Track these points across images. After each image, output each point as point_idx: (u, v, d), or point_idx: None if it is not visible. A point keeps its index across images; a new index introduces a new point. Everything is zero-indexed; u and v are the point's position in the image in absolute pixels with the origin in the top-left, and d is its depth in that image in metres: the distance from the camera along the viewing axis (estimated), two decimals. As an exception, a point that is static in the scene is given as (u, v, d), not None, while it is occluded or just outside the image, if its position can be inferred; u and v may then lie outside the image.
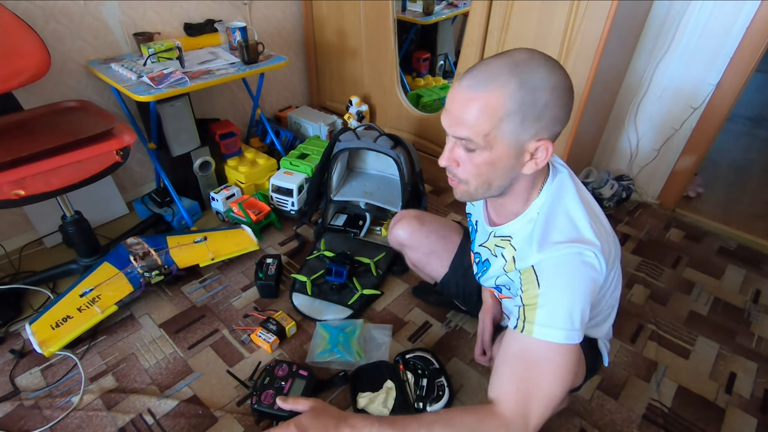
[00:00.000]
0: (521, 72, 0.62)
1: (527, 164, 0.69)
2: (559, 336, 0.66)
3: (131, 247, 1.40)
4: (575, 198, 0.73)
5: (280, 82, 2.33)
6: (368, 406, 1.14)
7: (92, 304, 1.28)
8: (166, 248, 1.44)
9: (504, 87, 0.62)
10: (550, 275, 0.68)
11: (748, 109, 2.83)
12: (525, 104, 0.62)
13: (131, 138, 1.25)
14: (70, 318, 1.25)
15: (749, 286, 1.60)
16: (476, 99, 0.63)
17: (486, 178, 0.70)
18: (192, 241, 1.48)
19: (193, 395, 1.18)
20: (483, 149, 0.66)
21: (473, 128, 0.65)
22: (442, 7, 2.51)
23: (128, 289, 1.32)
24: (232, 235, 1.58)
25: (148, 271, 1.35)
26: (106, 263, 1.39)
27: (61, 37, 1.51)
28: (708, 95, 1.71)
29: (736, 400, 1.22)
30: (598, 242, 0.68)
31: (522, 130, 0.64)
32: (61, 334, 1.21)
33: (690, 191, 2.06)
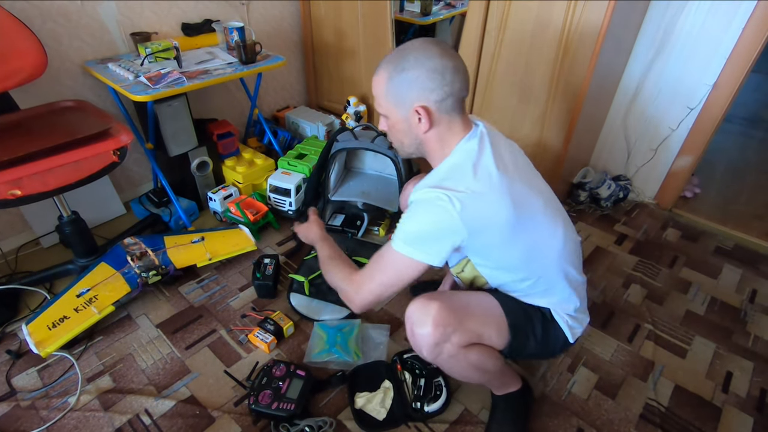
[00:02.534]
0: (396, 57, 0.85)
1: (419, 126, 0.88)
2: (396, 245, 0.89)
3: (128, 247, 1.40)
4: (470, 161, 0.86)
5: (278, 82, 2.33)
6: (366, 405, 1.14)
7: (89, 304, 1.27)
8: (163, 248, 1.44)
9: (383, 71, 0.87)
10: (414, 208, 0.88)
11: (745, 110, 2.84)
12: (395, 82, 0.85)
13: (128, 138, 1.25)
14: (67, 318, 1.24)
15: (746, 286, 1.61)
16: (374, 82, 0.90)
17: (397, 138, 0.95)
18: (189, 242, 1.48)
19: (191, 395, 1.18)
20: (386, 117, 0.93)
21: (377, 102, 0.92)
22: (440, 8, 2.51)
23: (125, 289, 1.32)
24: (230, 235, 1.57)
25: (146, 272, 1.34)
26: (103, 263, 1.38)
27: (58, 37, 1.50)
28: (704, 96, 1.72)
29: (733, 399, 1.22)
30: (459, 189, 0.82)
31: (400, 101, 0.87)
32: (57, 335, 1.20)
33: (687, 191, 2.07)
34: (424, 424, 1.13)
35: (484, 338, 0.93)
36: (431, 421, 1.13)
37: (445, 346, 0.89)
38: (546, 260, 0.94)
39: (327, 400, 1.18)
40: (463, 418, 1.14)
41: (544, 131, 1.70)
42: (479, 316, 0.93)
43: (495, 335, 0.93)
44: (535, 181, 0.97)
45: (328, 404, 1.17)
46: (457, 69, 0.84)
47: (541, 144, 1.73)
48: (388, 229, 1.76)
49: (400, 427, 1.12)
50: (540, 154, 1.75)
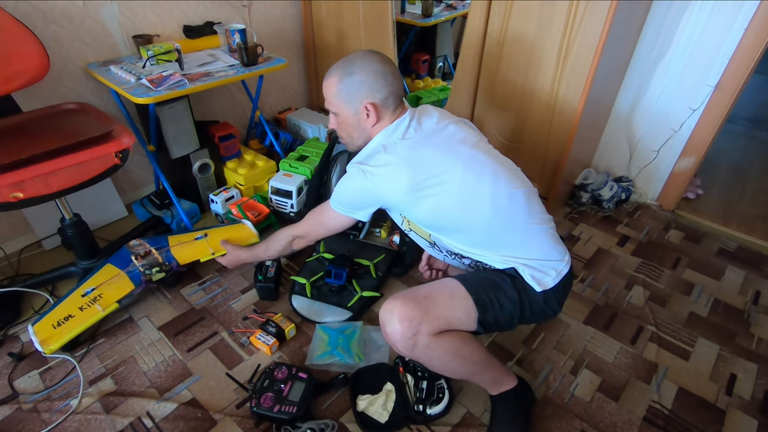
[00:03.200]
0: (344, 64, 1.04)
1: (367, 120, 1.05)
2: (331, 202, 1.13)
3: (133, 248, 1.42)
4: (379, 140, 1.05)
5: (280, 84, 2.33)
6: (368, 408, 1.13)
7: (93, 302, 1.28)
8: (167, 246, 1.44)
9: (333, 76, 1.05)
10: (342, 178, 1.08)
11: (748, 111, 2.83)
12: (344, 83, 1.03)
13: (130, 140, 1.25)
14: (72, 317, 1.25)
15: (749, 287, 1.60)
16: (325, 86, 1.07)
17: (348, 132, 1.11)
18: (193, 239, 1.49)
19: (193, 398, 1.18)
20: (338, 114, 1.08)
21: (328, 102, 1.08)
22: (441, 9, 2.51)
23: (129, 287, 1.32)
24: (233, 229, 1.57)
25: (149, 269, 1.36)
26: (108, 264, 1.39)
27: (61, 40, 1.51)
28: (707, 96, 1.71)
29: (737, 402, 1.22)
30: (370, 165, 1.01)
31: (349, 100, 1.04)
32: (62, 333, 1.21)
33: (689, 192, 2.06)
34: (427, 426, 1.12)
35: (454, 322, 0.95)
36: (433, 423, 1.13)
37: (417, 338, 0.92)
38: (473, 212, 0.99)
39: (329, 402, 1.17)
40: (466, 420, 1.14)
41: (546, 132, 1.70)
42: (443, 301, 0.96)
43: (464, 317, 0.95)
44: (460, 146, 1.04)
45: (330, 407, 1.16)
46: (394, 72, 1.05)
47: (542, 145, 1.73)
48: (389, 231, 1.76)
49: (402, 429, 1.11)
50: (541, 155, 1.74)
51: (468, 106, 1.84)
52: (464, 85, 1.81)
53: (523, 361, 1.30)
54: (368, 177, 1.00)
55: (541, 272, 0.98)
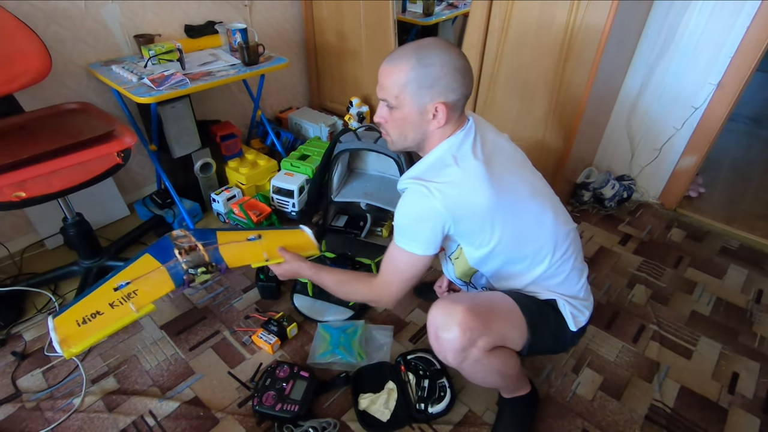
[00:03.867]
0: (419, 52, 0.85)
1: (432, 122, 0.89)
2: (398, 240, 0.94)
3: (176, 239, 1.20)
4: (450, 152, 0.90)
5: (281, 84, 2.34)
6: (370, 407, 1.13)
7: (127, 299, 1.06)
8: (215, 244, 1.23)
9: (406, 62, 0.85)
10: (400, 201, 0.92)
11: (750, 109, 2.83)
12: (420, 76, 0.85)
13: (132, 140, 1.25)
14: (100, 314, 1.03)
15: (751, 286, 1.60)
16: (390, 71, 0.88)
17: (402, 130, 0.93)
18: (245, 239, 1.26)
19: (195, 397, 1.18)
20: (396, 108, 0.90)
21: (388, 91, 0.89)
22: (443, 8, 2.51)
23: (169, 286, 1.11)
24: (290, 235, 1.33)
25: (193, 267, 1.15)
26: (147, 255, 1.18)
27: (62, 40, 1.51)
28: (709, 95, 1.71)
29: (739, 401, 1.21)
30: (437, 181, 0.87)
31: (420, 95, 0.86)
32: (86, 333, 0.99)
33: (691, 191, 2.05)
34: (428, 425, 1.12)
35: (507, 340, 0.92)
36: (435, 422, 1.13)
37: (471, 350, 0.86)
38: (535, 243, 0.94)
39: (331, 401, 1.18)
40: (467, 419, 1.14)
41: (547, 131, 1.70)
42: (503, 317, 0.92)
43: (517, 337, 0.92)
44: (521, 170, 0.99)
45: (331, 405, 1.17)
46: (470, 71, 0.90)
47: (544, 144, 1.73)
48: (390, 230, 1.76)
49: (404, 428, 1.12)
50: (543, 154, 1.74)
51: (469, 105, 1.84)
52: (465, 84, 1.81)
53: (525, 360, 1.30)
54: (437, 195, 0.85)
55: (578, 311, 0.98)
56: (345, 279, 1.08)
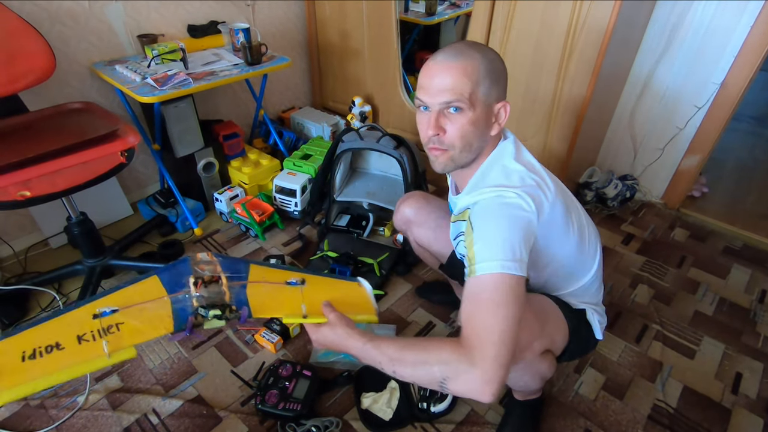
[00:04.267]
0: (479, 48, 0.77)
1: (493, 126, 0.81)
2: (495, 266, 0.69)
3: (198, 264, 0.86)
4: (511, 156, 0.83)
5: (283, 83, 2.34)
6: (372, 406, 1.14)
7: (104, 334, 0.74)
8: (245, 278, 0.89)
9: (473, 57, 0.75)
10: (479, 217, 0.76)
11: (754, 109, 2.82)
12: (489, 71, 0.76)
13: (135, 139, 1.26)
14: (59, 349, 0.71)
15: (755, 286, 1.59)
16: (455, 67, 0.75)
17: (468, 139, 0.79)
18: (284, 281, 0.90)
19: (198, 395, 1.19)
20: (467, 110, 0.76)
21: (457, 90, 0.74)
22: (445, 8, 2.51)
23: (167, 327, 0.78)
24: (343, 288, 0.94)
25: (206, 308, 0.82)
26: (155, 278, 0.85)
27: (66, 39, 1.52)
28: (712, 94, 1.70)
29: (743, 401, 1.21)
30: (520, 185, 0.77)
31: (491, 93, 0.77)
32: (25, 375, 0.67)
33: (695, 191, 2.05)
34: (431, 424, 1.13)
35: (555, 346, 0.88)
36: (437, 421, 1.13)
37: (525, 353, 0.81)
38: (588, 251, 0.93)
39: (333, 400, 1.18)
40: (470, 418, 1.14)
41: (550, 131, 1.70)
42: (553, 321, 0.88)
43: (561, 342, 0.90)
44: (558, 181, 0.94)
45: (334, 404, 1.17)
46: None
47: (546, 143, 1.73)
48: (393, 230, 1.76)
49: (406, 427, 1.12)
50: (545, 153, 1.74)
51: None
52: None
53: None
54: (529, 203, 0.75)
55: (603, 318, 0.98)
56: (401, 344, 0.74)
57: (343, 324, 0.78)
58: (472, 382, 0.66)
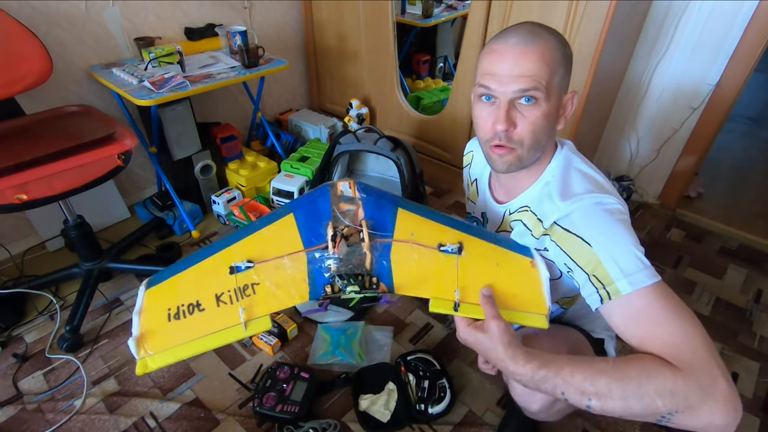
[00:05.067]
0: (552, 31, 0.68)
1: (559, 120, 0.72)
2: (646, 277, 0.59)
3: (339, 200, 0.69)
4: (583, 161, 0.76)
5: (281, 86, 2.34)
6: (370, 407, 1.14)
7: (240, 296, 0.67)
8: (390, 232, 0.69)
9: (549, 41, 0.66)
10: (589, 228, 0.65)
11: (749, 109, 2.83)
12: (564, 57, 0.68)
13: (133, 142, 1.26)
14: (200, 310, 0.67)
15: (751, 286, 1.60)
16: (531, 52, 0.65)
17: (538, 136, 0.69)
18: (437, 244, 0.69)
19: (195, 398, 1.18)
20: (543, 100, 0.66)
21: (535, 77, 0.65)
22: (442, 10, 2.52)
23: (301, 295, 0.68)
24: (511, 265, 0.72)
25: (343, 277, 0.66)
26: (291, 217, 0.70)
27: (64, 42, 1.52)
28: (707, 95, 1.71)
29: (739, 400, 1.21)
30: (611, 191, 0.70)
31: (564, 82, 0.69)
32: (175, 336, 0.66)
33: (691, 191, 2.06)
34: (428, 426, 1.13)
35: None
36: (435, 423, 1.13)
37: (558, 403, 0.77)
38: None
39: (331, 402, 1.18)
40: (468, 419, 1.14)
41: (547, 132, 1.70)
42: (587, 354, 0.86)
43: None
44: None
45: (332, 406, 1.17)
46: None
47: (543, 145, 1.73)
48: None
49: (404, 429, 1.12)
50: (542, 155, 1.74)
51: (469, 106, 1.84)
52: (465, 85, 1.81)
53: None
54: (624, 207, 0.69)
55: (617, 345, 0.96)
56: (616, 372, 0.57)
57: (505, 342, 0.60)
58: (718, 415, 0.52)
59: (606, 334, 0.94)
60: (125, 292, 1.49)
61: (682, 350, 0.56)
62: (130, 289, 1.51)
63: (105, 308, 1.44)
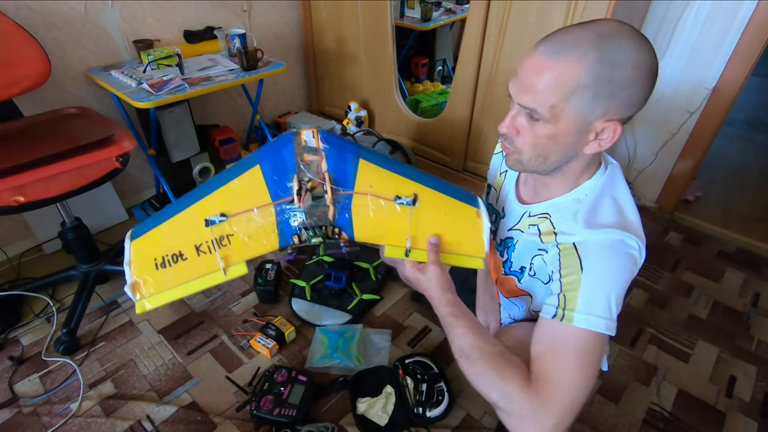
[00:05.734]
0: (603, 45, 0.58)
1: (590, 144, 0.65)
2: (598, 324, 0.62)
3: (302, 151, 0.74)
4: (626, 190, 0.71)
5: (280, 88, 2.34)
6: (368, 411, 1.13)
7: (217, 247, 0.74)
8: (351, 184, 0.75)
9: (581, 59, 0.58)
10: (593, 258, 0.64)
11: (746, 113, 2.84)
12: (600, 80, 0.58)
13: (131, 144, 1.25)
14: (183, 259, 0.75)
15: (748, 289, 1.60)
16: (549, 67, 0.60)
17: (543, 151, 0.67)
18: (392, 196, 0.75)
19: (192, 401, 1.18)
20: (547, 122, 0.63)
21: (540, 97, 0.61)
22: (440, 14, 2.53)
23: (272, 243, 0.75)
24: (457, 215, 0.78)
25: (308, 229, 0.75)
26: (257, 168, 0.75)
27: (62, 45, 1.52)
28: (705, 99, 1.72)
29: (737, 404, 1.22)
30: (641, 233, 0.66)
31: (592, 108, 0.61)
32: (163, 283, 0.74)
33: (688, 195, 2.06)
34: (426, 429, 1.12)
35: None
36: (433, 426, 1.13)
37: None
38: None
39: (329, 405, 1.17)
40: (466, 423, 1.14)
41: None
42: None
43: None
44: None
45: (329, 410, 1.16)
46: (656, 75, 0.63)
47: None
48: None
49: (402, 432, 1.12)
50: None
51: (467, 110, 1.84)
52: (463, 89, 1.82)
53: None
54: (642, 257, 0.66)
55: (608, 350, 0.96)
56: (483, 346, 0.68)
57: (437, 285, 0.72)
58: (531, 418, 0.62)
59: None
60: (122, 295, 1.49)
61: (550, 384, 0.62)
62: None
63: (102, 311, 1.43)
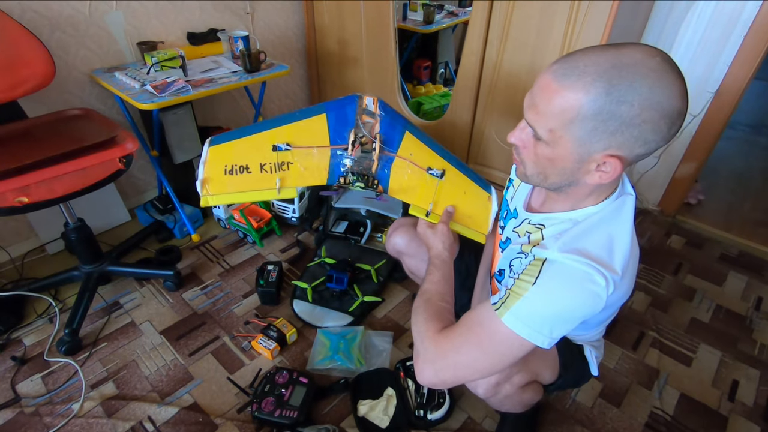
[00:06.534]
0: (615, 77, 0.55)
1: (591, 174, 0.63)
2: (523, 331, 0.65)
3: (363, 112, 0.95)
4: (628, 226, 0.68)
5: (282, 90, 2.35)
6: (369, 413, 1.13)
7: (277, 170, 0.92)
8: (396, 148, 0.96)
9: (586, 88, 0.55)
10: (549, 278, 0.64)
11: (748, 117, 2.84)
12: (602, 114, 0.56)
13: (134, 146, 1.26)
14: (248, 172, 0.92)
15: (751, 293, 1.60)
16: (554, 90, 0.58)
17: (543, 170, 0.67)
18: (426, 167, 0.96)
19: (194, 402, 1.18)
20: (546, 144, 0.63)
21: (541, 119, 0.61)
22: (443, 16, 2.54)
23: (321, 178, 0.94)
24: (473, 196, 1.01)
25: (354, 174, 0.93)
26: (323, 117, 0.95)
27: (66, 47, 1.52)
28: (707, 103, 1.72)
29: (739, 408, 1.21)
30: (619, 273, 0.64)
31: (591, 140, 0.59)
32: (228, 186, 0.90)
33: (691, 198, 2.06)
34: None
35: (540, 378, 0.91)
36: (434, 429, 1.13)
37: (504, 386, 0.84)
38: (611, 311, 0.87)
39: (330, 407, 1.17)
40: (467, 426, 1.14)
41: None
42: (540, 356, 0.86)
43: (549, 374, 0.91)
44: None
45: (330, 411, 1.16)
46: (683, 115, 0.59)
47: (543, 151, 1.73)
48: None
49: (403, 435, 1.12)
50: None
51: (469, 112, 1.85)
52: (465, 91, 1.82)
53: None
54: (610, 288, 0.63)
55: (600, 353, 0.97)
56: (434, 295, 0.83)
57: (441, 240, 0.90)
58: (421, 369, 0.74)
59: (585, 343, 0.95)
60: (125, 296, 1.49)
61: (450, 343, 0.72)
62: (129, 292, 1.51)
63: (104, 311, 1.44)
